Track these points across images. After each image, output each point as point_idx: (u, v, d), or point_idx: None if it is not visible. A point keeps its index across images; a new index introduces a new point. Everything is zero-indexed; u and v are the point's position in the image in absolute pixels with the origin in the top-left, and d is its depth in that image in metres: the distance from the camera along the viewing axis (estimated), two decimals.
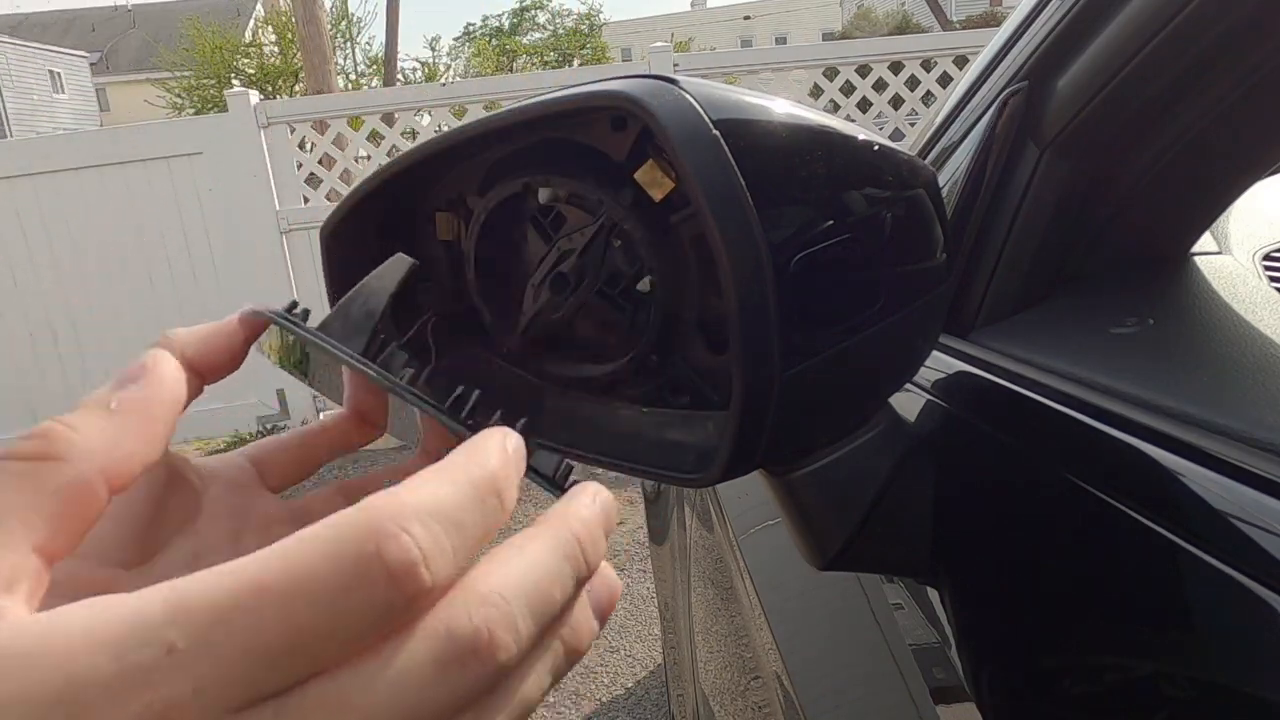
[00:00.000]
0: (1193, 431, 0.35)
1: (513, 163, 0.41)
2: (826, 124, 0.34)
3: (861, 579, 0.54)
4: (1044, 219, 0.52)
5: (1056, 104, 0.50)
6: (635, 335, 0.40)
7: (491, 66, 29.35)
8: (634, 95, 0.32)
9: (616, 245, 0.39)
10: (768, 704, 0.67)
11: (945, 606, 0.44)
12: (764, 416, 0.33)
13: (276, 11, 18.83)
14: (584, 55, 31.97)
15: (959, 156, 0.55)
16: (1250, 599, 0.29)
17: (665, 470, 0.38)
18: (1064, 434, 0.41)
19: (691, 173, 0.30)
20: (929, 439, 0.48)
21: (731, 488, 0.82)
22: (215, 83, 18.11)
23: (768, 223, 0.31)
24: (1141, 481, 0.36)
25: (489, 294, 0.43)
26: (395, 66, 14.15)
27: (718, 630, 0.91)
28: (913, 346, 0.40)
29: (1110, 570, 0.35)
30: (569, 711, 2.10)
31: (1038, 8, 0.52)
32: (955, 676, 0.42)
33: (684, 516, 1.16)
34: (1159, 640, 0.33)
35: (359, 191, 0.41)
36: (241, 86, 4.87)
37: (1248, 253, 0.58)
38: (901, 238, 0.36)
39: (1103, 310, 0.50)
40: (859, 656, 0.54)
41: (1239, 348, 0.44)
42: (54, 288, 4.19)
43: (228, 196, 4.04)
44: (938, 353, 0.53)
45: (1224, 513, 0.32)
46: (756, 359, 0.31)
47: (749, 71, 4.33)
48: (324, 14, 8.62)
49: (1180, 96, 0.47)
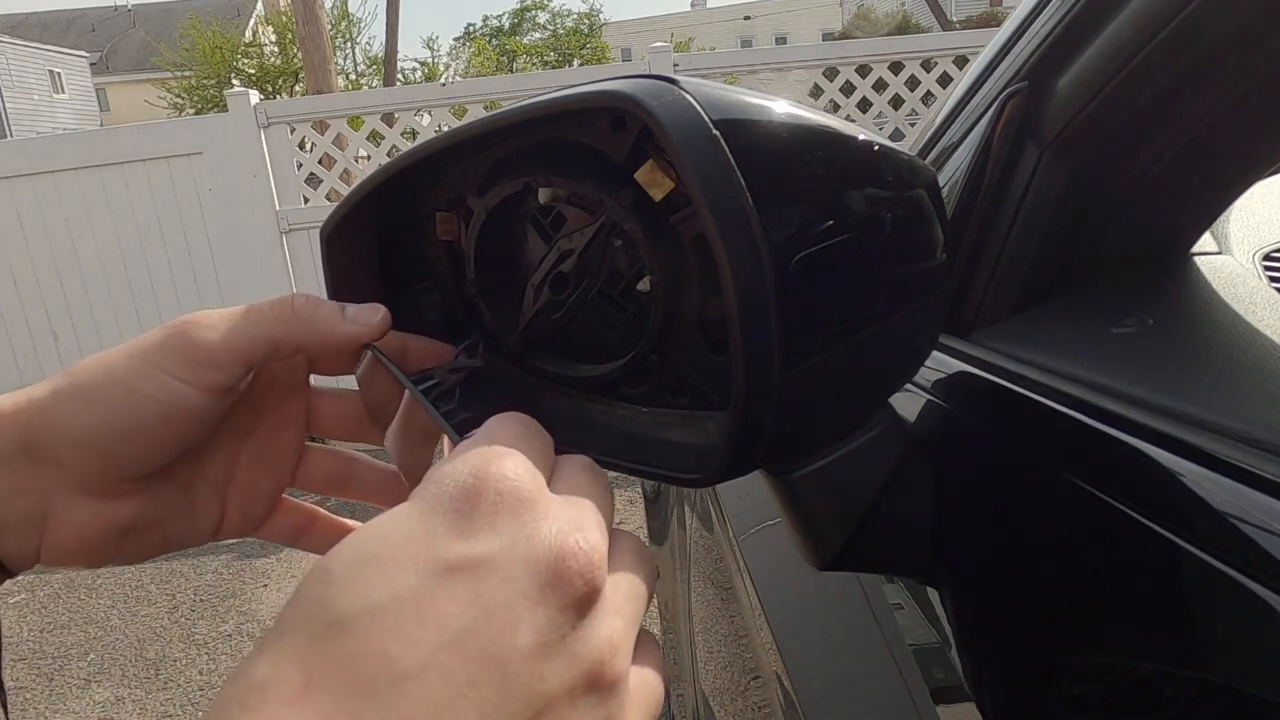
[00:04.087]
0: (1193, 431, 0.35)
1: (513, 163, 0.41)
2: (827, 124, 0.34)
3: (861, 579, 0.54)
4: (1044, 219, 0.52)
5: (1056, 104, 0.50)
6: (635, 335, 0.40)
7: (491, 66, 29.35)
8: (634, 95, 0.32)
9: (616, 245, 0.39)
10: (768, 704, 0.67)
11: (945, 606, 0.44)
12: (764, 416, 0.33)
13: (277, 11, 18.83)
14: (584, 55, 31.98)
15: (959, 156, 0.55)
16: (1250, 599, 0.29)
17: (665, 470, 0.38)
18: (1064, 434, 0.41)
19: (691, 173, 0.30)
20: (929, 439, 0.48)
21: (731, 488, 0.82)
22: (215, 83, 18.12)
23: (768, 222, 0.31)
24: (1141, 481, 0.36)
25: (489, 294, 0.43)
26: (395, 66, 14.14)
27: (718, 630, 0.91)
28: (913, 346, 0.40)
29: (1110, 570, 0.35)
30: None
31: (1038, 8, 0.52)
32: (955, 676, 0.42)
33: (684, 516, 1.16)
34: (1159, 640, 0.33)
35: (359, 191, 0.41)
36: (241, 86, 4.87)
37: (1248, 253, 0.58)
38: (902, 238, 0.36)
39: (1103, 310, 0.50)
40: (859, 656, 0.54)
41: (1239, 348, 0.44)
42: (54, 288, 4.20)
43: (228, 196, 4.04)
44: (938, 353, 0.53)
45: (1224, 513, 0.32)
46: (756, 359, 0.31)
47: (749, 71, 4.33)
48: (324, 14, 8.63)
49: (1180, 96, 0.47)
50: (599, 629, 0.24)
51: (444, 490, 0.24)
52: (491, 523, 0.24)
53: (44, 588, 3.19)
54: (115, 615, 2.98)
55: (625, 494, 3.23)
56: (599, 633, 0.24)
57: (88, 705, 2.46)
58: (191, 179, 4.09)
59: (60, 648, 2.80)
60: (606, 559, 0.26)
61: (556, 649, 0.23)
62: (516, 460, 0.26)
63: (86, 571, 3.14)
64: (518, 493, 0.25)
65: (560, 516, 0.25)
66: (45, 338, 4.25)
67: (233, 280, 4.17)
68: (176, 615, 2.93)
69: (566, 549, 0.24)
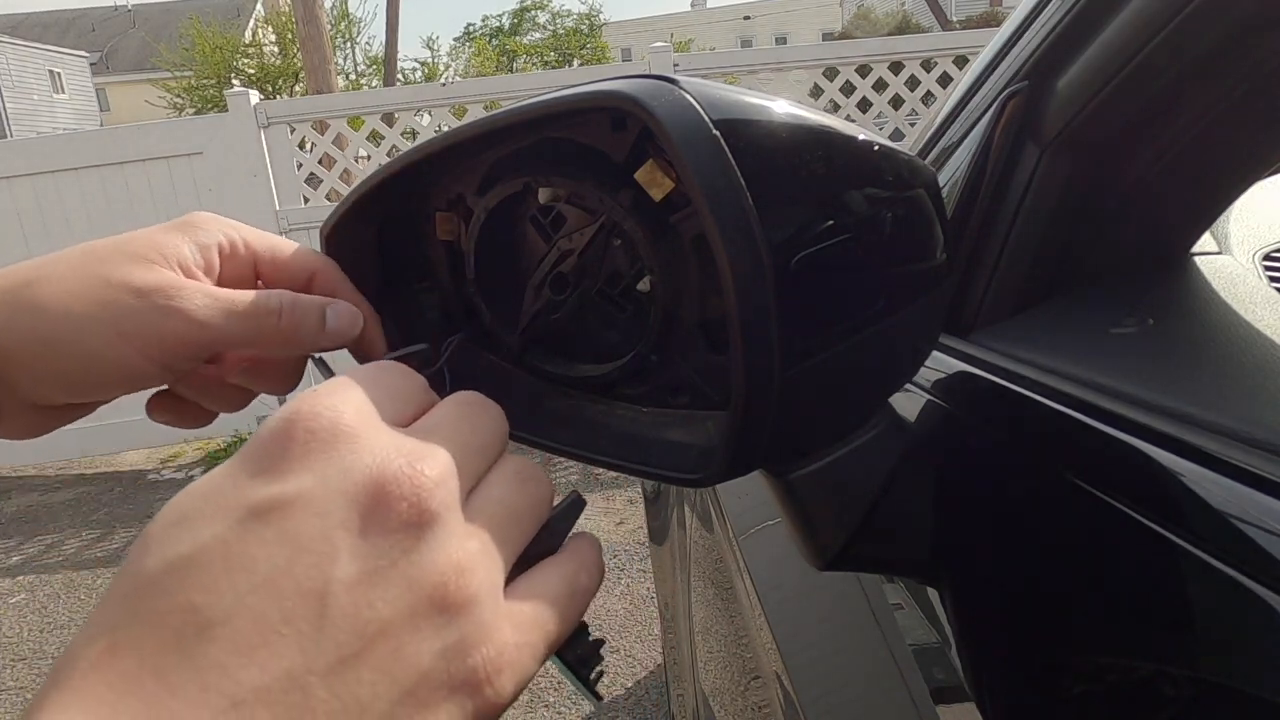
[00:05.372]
0: (1193, 431, 0.35)
1: (513, 163, 0.41)
2: (827, 124, 0.34)
3: (861, 579, 0.54)
4: (1044, 219, 0.52)
5: (1057, 104, 0.50)
6: (635, 335, 0.40)
7: (491, 67, 29.34)
8: (634, 95, 0.32)
9: (616, 245, 0.39)
10: (768, 704, 0.67)
11: (945, 606, 0.44)
12: (764, 416, 0.33)
13: (276, 11, 18.83)
14: (584, 55, 31.97)
15: (959, 156, 0.55)
16: (1250, 599, 0.29)
17: (665, 470, 0.38)
18: (1064, 434, 0.41)
19: (691, 173, 0.30)
20: (929, 439, 0.48)
21: (731, 488, 0.82)
22: (215, 83, 18.12)
23: (768, 222, 0.31)
24: (1141, 481, 0.36)
25: (489, 294, 0.43)
26: (395, 66, 14.15)
27: (718, 630, 0.91)
28: (913, 346, 0.40)
29: (1110, 570, 0.35)
30: (569, 711, 2.10)
31: (1038, 8, 0.52)
32: (955, 676, 0.42)
33: (684, 516, 1.16)
34: (1159, 640, 0.33)
35: (359, 191, 0.41)
36: (241, 86, 4.87)
37: (1248, 253, 0.58)
38: (902, 238, 0.36)
39: (1103, 310, 0.50)
40: (859, 656, 0.54)
41: (1239, 348, 0.44)
42: None
43: (228, 196, 4.04)
44: (938, 353, 0.53)
45: (1224, 513, 0.32)
46: (756, 359, 0.31)
47: (749, 71, 4.33)
48: (324, 14, 8.63)
49: (1180, 96, 0.47)
50: (440, 551, 0.24)
51: (257, 438, 0.24)
52: (303, 461, 0.24)
53: (44, 588, 3.19)
54: None
55: (625, 494, 3.23)
56: (440, 555, 0.24)
57: None
58: (191, 179, 4.08)
59: (60, 648, 2.79)
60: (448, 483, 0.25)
61: (385, 575, 0.23)
62: (339, 396, 0.25)
63: (86, 571, 3.14)
64: (334, 427, 0.24)
65: (386, 446, 0.25)
66: None
67: None
68: None
69: (387, 474, 0.24)
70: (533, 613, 0.26)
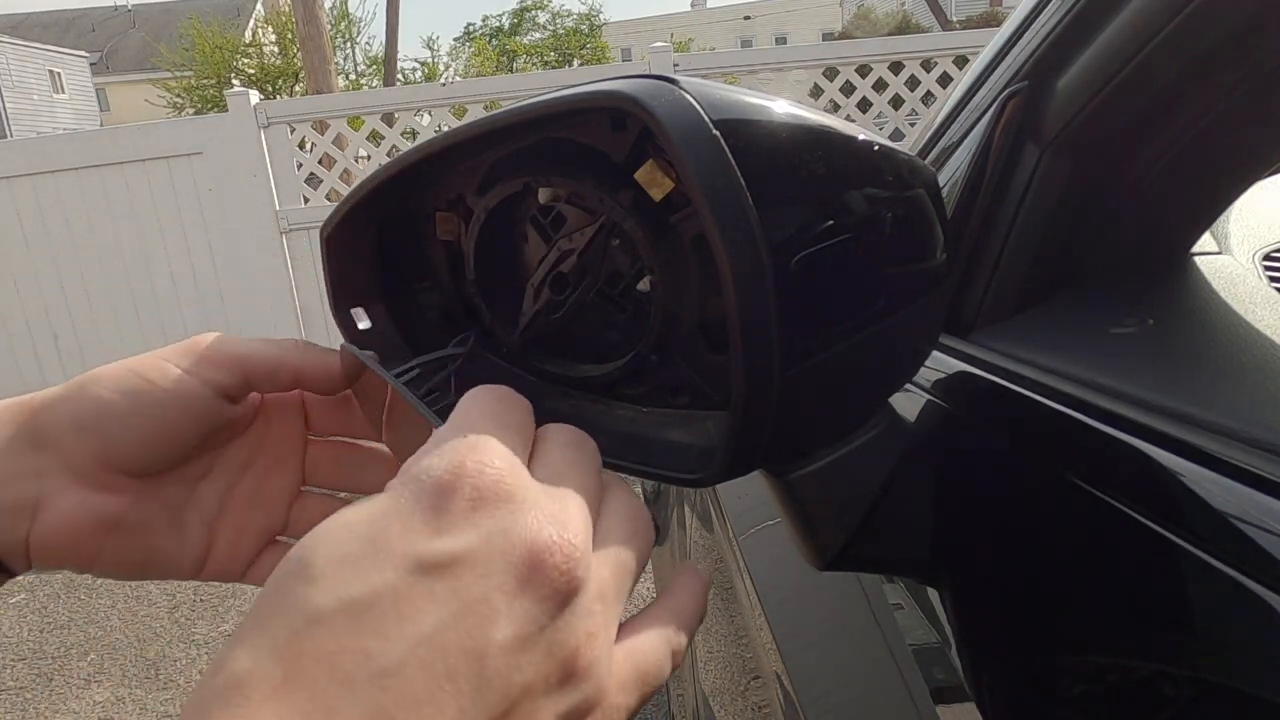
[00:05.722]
0: (1193, 431, 0.35)
1: (513, 163, 0.41)
2: (827, 124, 0.34)
3: (861, 579, 0.54)
4: (1044, 219, 0.52)
5: (1056, 104, 0.50)
6: (635, 335, 0.40)
7: (491, 67, 29.35)
8: (634, 95, 0.32)
9: (616, 245, 0.39)
10: (768, 704, 0.67)
11: (945, 606, 0.44)
12: (764, 416, 0.33)
13: (276, 11, 18.84)
14: (584, 55, 31.98)
15: (959, 156, 0.55)
16: (1250, 599, 0.29)
17: (665, 470, 0.38)
18: (1064, 434, 0.41)
19: (691, 173, 0.30)
20: (929, 439, 0.48)
21: (731, 488, 0.82)
22: (215, 83, 18.13)
23: (768, 222, 0.31)
24: (1141, 481, 0.36)
25: (489, 294, 0.43)
26: (395, 66, 14.15)
27: (718, 630, 0.91)
28: (913, 346, 0.40)
29: (1110, 570, 0.35)
30: None
31: (1038, 8, 0.52)
32: (955, 676, 0.42)
33: (684, 516, 1.16)
34: (1159, 640, 0.33)
35: (359, 191, 0.41)
36: (241, 86, 4.87)
37: (1248, 253, 0.58)
38: (902, 238, 0.36)
39: (1103, 310, 0.50)
40: (859, 656, 0.54)
41: (1239, 348, 0.44)
42: (54, 288, 4.19)
43: (228, 196, 4.04)
44: (938, 353, 0.53)
45: (1224, 513, 0.32)
46: (756, 359, 0.31)
47: (749, 71, 4.33)
48: (324, 14, 8.63)
49: (1180, 96, 0.47)
50: (578, 619, 0.25)
51: (421, 486, 0.25)
52: (468, 518, 0.24)
53: (44, 588, 3.19)
54: (115, 615, 2.97)
55: None
56: (578, 623, 0.25)
57: (88, 705, 2.46)
58: (191, 179, 4.08)
59: (60, 648, 2.80)
60: (589, 547, 0.26)
61: (534, 640, 0.24)
62: (493, 450, 0.26)
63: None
64: (495, 487, 0.25)
65: (537, 507, 0.25)
66: (45, 338, 4.25)
67: (233, 280, 4.17)
68: (176, 615, 2.92)
69: (542, 543, 0.24)
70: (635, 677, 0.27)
